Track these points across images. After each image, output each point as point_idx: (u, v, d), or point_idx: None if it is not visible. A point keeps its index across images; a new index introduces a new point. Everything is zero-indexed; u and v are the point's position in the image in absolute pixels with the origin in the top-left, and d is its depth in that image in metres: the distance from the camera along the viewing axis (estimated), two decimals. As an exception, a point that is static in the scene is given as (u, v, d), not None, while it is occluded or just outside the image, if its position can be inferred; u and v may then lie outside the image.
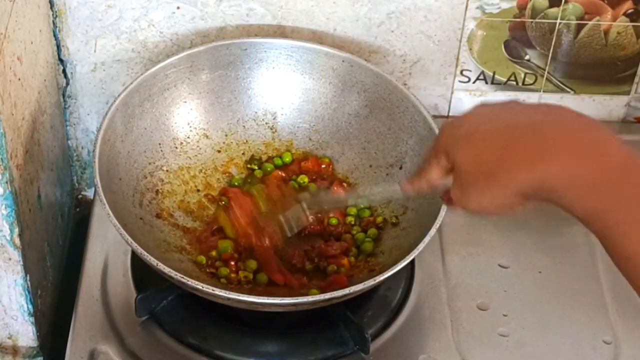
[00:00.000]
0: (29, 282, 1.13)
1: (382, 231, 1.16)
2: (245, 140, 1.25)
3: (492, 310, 1.15)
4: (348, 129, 1.23)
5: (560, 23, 1.28)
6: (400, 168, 1.18)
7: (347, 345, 1.09)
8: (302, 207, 1.07)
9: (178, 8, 1.25)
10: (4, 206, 1.04)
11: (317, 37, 1.28)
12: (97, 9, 1.24)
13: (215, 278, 1.10)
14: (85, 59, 1.29)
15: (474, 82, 1.34)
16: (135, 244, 1.01)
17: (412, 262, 1.15)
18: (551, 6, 1.26)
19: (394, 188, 0.99)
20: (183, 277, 0.99)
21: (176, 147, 1.21)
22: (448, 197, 0.88)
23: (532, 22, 1.28)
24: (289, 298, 1.02)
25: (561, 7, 1.26)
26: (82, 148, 1.38)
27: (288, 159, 1.23)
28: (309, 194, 1.13)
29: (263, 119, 1.25)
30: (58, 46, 1.27)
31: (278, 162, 1.23)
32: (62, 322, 1.19)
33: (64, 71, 1.30)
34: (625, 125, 1.38)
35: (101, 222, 1.20)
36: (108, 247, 1.18)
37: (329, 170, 1.22)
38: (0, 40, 1.00)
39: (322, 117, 1.24)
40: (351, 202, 1.17)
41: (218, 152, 1.23)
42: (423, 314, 1.13)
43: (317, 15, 1.26)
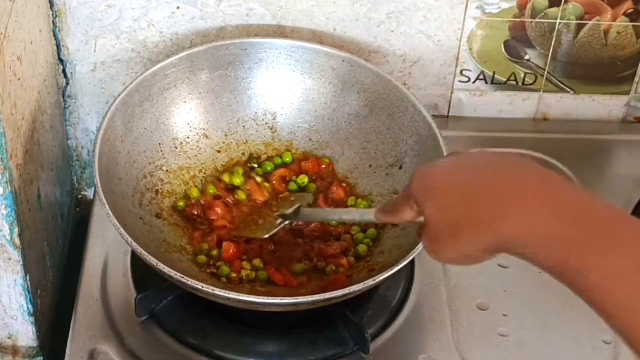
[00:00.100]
0: (29, 282, 1.13)
1: (382, 231, 1.16)
2: (245, 141, 1.25)
3: (492, 310, 1.15)
4: (348, 129, 1.23)
5: (560, 23, 1.28)
6: (400, 168, 1.18)
7: (347, 345, 1.09)
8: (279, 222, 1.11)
9: (178, 8, 1.25)
10: (4, 206, 1.04)
11: (317, 37, 1.28)
12: (97, 9, 1.24)
13: (215, 278, 1.11)
14: (85, 59, 1.29)
15: (474, 82, 1.34)
16: (135, 244, 1.01)
17: (412, 262, 1.15)
18: (551, 6, 1.27)
19: (369, 215, 1.00)
20: (183, 277, 0.99)
21: (176, 147, 1.21)
22: (420, 234, 0.90)
23: (532, 22, 1.28)
24: (289, 298, 1.02)
25: (561, 7, 1.26)
26: (82, 148, 1.38)
27: (288, 159, 1.23)
28: (292, 209, 1.13)
29: (263, 119, 1.25)
30: (58, 46, 1.27)
31: (278, 162, 1.23)
32: (62, 322, 1.19)
33: (64, 71, 1.30)
34: (625, 125, 1.38)
35: (101, 222, 1.20)
36: (108, 247, 1.18)
37: (329, 170, 1.22)
38: (0, 40, 1.00)
39: (322, 117, 1.24)
40: (330, 219, 1.15)
41: (218, 152, 1.23)
42: (423, 314, 1.13)
43: (317, 15, 1.26)
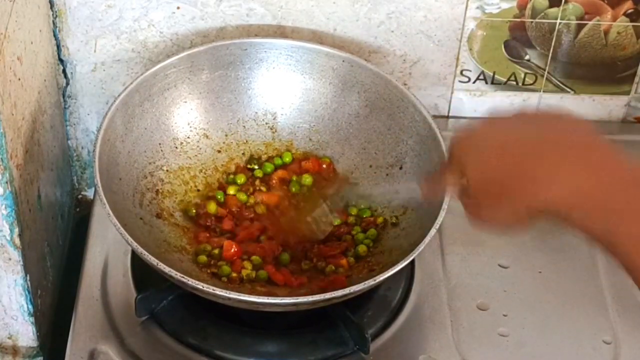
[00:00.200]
0: (29, 282, 1.13)
1: (382, 231, 1.16)
2: (245, 140, 1.25)
3: (492, 310, 1.15)
4: (348, 129, 1.23)
5: (560, 23, 1.28)
6: (400, 168, 1.18)
7: (347, 345, 1.09)
8: (325, 209, 1.08)
9: (178, 8, 1.25)
10: (4, 206, 1.04)
11: (317, 37, 1.28)
12: (97, 9, 1.24)
13: (215, 278, 1.11)
14: (85, 59, 1.29)
15: (474, 82, 1.34)
16: (135, 244, 1.01)
17: (412, 262, 1.15)
18: (551, 6, 1.26)
19: (413, 188, 1.00)
20: (183, 277, 0.99)
21: (176, 147, 1.21)
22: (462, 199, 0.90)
23: (532, 22, 1.28)
24: (289, 298, 1.02)
25: (561, 7, 1.26)
26: (82, 148, 1.38)
27: (288, 159, 1.23)
28: (331, 193, 1.13)
29: (263, 119, 1.25)
30: (58, 46, 1.27)
31: (278, 162, 1.23)
32: (62, 322, 1.19)
33: (64, 71, 1.30)
34: (625, 125, 1.38)
35: (101, 222, 1.20)
36: (108, 247, 1.18)
37: (329, 170, 1.22)
38: (0, 40, 1.00)
39: (322, 117, 1.24)
40: (373, 199, 1.16)
41: (218, 152, 1.23)
42: (423, 314, 1.13)
43: (317, 15, 1.26)
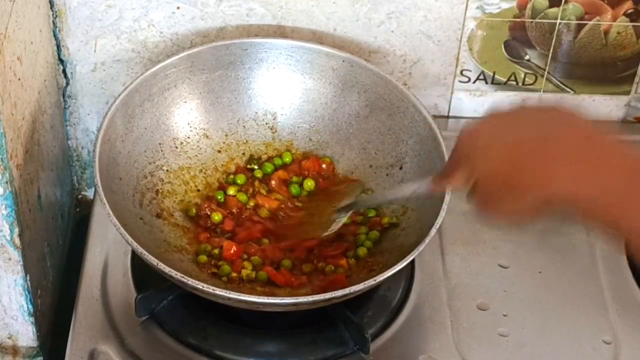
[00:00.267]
0: (29, 282, 1.13)
1: (382, 231, 1.16)
2: (245, 140, 1.25)
3: (492, 310, 1.15)
4: (348, 129, 1.23)
5: (560, 23, 1.28)
6: (401, 168, 1.18)
7: (347, 345, 1.09)
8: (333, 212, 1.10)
9: (178, 8, 1.25)
10: (4, 206, 1.04)
11: (317, 37, 1.28)
12: (97, 9, 1.24)
13: (215, 278, 1.11)
14: (85, 59, 1.29)
15: (474, 82, 1.34)
16: (135, 244, 1.01)
17: (412, 262, 1.15)
18: (551, 6, 1.26)
19: (423, 187, 1.00)
20: (183, 277, 0.99)
21: (176, 147, 1.21)
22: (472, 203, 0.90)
23: (532, 22, 1.28)
24: (289, 298, 1.02)
25: (561, 7, 1.26)
26: (82, 148, 1.38)
27: (288, 159, 1.23)
28: (350, 201, 1.14)
29: (263, 119, 1.25)
30: (58, 46, 1.27)
31: (278, 162, 1.23)
32: (62, 322, 1.19)
33: (64, 71, 1.30)
34: (625, 125, 1.38)
35: (101, 222, 1.20)
36: (108, 247, 1.18)
37: (329, 170, 1.22)
38: (0, 40, 1.00)
39: (322, 117, 1.24)
40: (387, 200, 1.17)
41: (218, 152, 1.23)
42: (423, 314, 1.13)
43: (317, 15, 1.26)
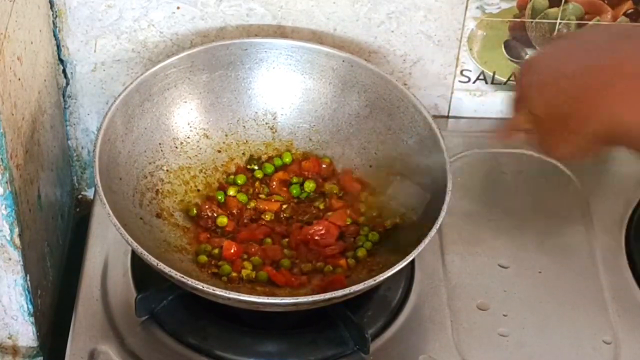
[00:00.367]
0: (29, 282, 1.13)
1: (383, 232, 1.16)
2: (245, 140, 1.25)
3: (492, 310, 1.15)
4: (348, 129, 1.23)
5: (560, 23, 1.28)
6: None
7: (347, 345, 1.09)
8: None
9: (178, 8, 1.25)
10: (4, 206, 1.04)
11: (317, 37, 1.28)
12: (97, 9, 1.24)
13: (215, 278, 1.11)
14: (85, 59, 1.29)
15: (474, 82, 1.34)
16: (135, 244, 1.01)
17: (412, 262, 1.15)
18: (551, 6, 1.26)
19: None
20: (183, 277, 0.99)
21: (176, 147, 1.21)
22: (535, 143, 0.91)
23: (532, 22, 1.28)
24: (289, 298, 1.02)
25: (561, 7, 1.26)
26: (82, 148, 1.38)
27: (288, 159, 1.23)
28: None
29: (263, 119, 1.25)
30: (58, 46, 1.27)
31: (278, 163, 1.23)
32: (62, 322, 1.19)
33: (64, 71, 1.30)
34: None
35: (101, 222, 1.20)
36: (108, 247, 1.18)
37: (329, 169, 1.22)
38: (0, 40, 1.00)
39: (322, 117, 1.24)
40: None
41: (218, 152, 1.23)
42: (423, 314, 1.13)
43: (317, 15, 1.26)
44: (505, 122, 0.94)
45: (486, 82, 1.34)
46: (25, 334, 1.18)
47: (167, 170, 1.19)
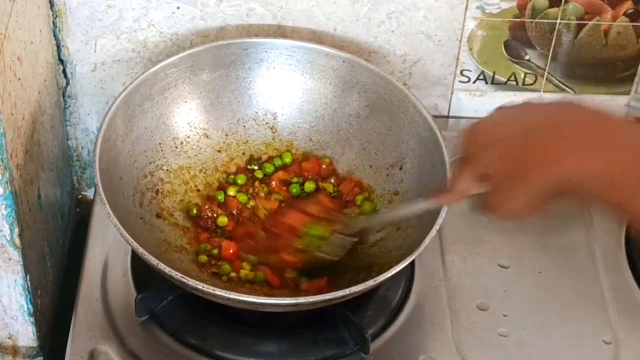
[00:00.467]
0: (29, 282, 1.13)
1: (382, 232, 1.16)
2: (245, 140, 1.25)
3: (492, 310, 1.15)
4: (348, 129, 1.23)
5: (560, 23, 1.28)
6: (401, 168, 1.18)
7: (347, 345, 1.09)
8: (339, 237, 1.10)
9: (178, 8, 1.25)
10: (4, 206, 1.04)
11: (317, 37, 1.28)
12: (97, 9, 1.24)
13: (215, 277, 1.11)
14: (85, 59, 1.29)
15: (474, 82, 1.34)
16: (135, 244, 1.01)
17: (412, 262, 1.14)
18: (551, 6, 1.26)
19: (425, 204, 1.01)
20: (183, 277, 0.99)
21: (176, 147, 1.21)
22: (478, 205, 0.91)
23: (532, 22, 1.28)
24: (289, 298, 1.02)
25: (561, 7, 1.26)
26: (82, 148, 1.38)
27: (288, 160, 1.23)
28: (341, 222, 1.13)
29: (263, 119, 1.25)
30: (58, 46, 1.27)
31: (278, 163, 1.23)
32: (62, 322, 1.19)
33: (64, 71, 1.30)
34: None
35: (101, 222, 1.20)
36: (108, 247, 1.18)
37: (329, 169, 1.22)
38: (0, 40, 1.00)
39: (322, 117, 1.24)
40: (381, 223, 1.15)
41: (218, 152, 1.23)
42: (423, 314, 1.13)
43: (317, 15, 1.26)
44: (452, 186, 0.94)
45: (486, 82, 1.34)
46: (25, 334, 1.18)
47: (167, 170, 1.19)
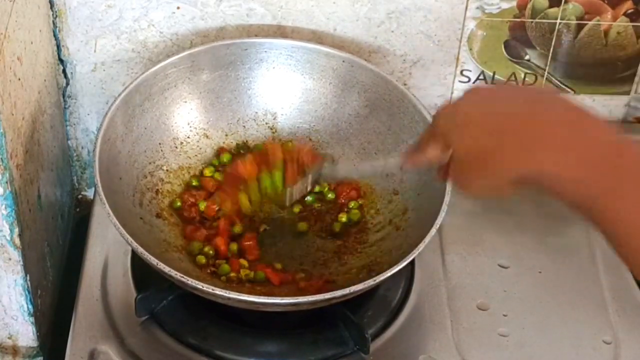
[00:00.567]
0: (29, 282, 1.13)
1: (382, 232, 1.16)
2: (245, 140, 1.25)
3: (492, 310, 1.15)
4: (348, 129, 1.23)
5: (560, 23, 1.28)
6: (400, 168, 1.18)
7: (347, 345, 1.09)
8: (307, 181, 1.08)
9: (178, 8, 1.25)
10: (4, 206, 1.04)
11: (317, 37, 1.28)
12: (97, 9, 1.24)
13: (215, 277, 1.11)
14: (85, 59, 1.29)
15: (474, 82, 1.34)
16: (135, 244, 1.01)
17: (412, 262, 1.15)
18: (551, 6, 1.27)
19: (394, 162, 1.01)
20: (183, 277, 0.99)
21: (176, 147, 1.21)
22: (443, 173, 0.90)
23: (532, 22, 1.28)
24: (289, 298, 1.02)
25: (561, 7, 1.26)
26: (82, 148, 1.38)
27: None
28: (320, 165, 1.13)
29: (263, 119, 1.25)
30: (58, 46, 1.27)
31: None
32: (62, 322, 1.19)
33: (64, 71, 1.30)
34: (625, 126, 1.38)
35: (101, 222, 1.20)
36: (108, 247, 1.18)
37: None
38: (0, 40, 1.00)
39: (322, 117, 1.24)
40: (357, 174, 1.18)
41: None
42: (423, 314, 1.13)
43: (317, 15, 1.26)
44: (415, 151, 0.93)
45: (486, 82, 1.34)
46: (25, 334, 1.18)
47: (167, 170, 1.19)
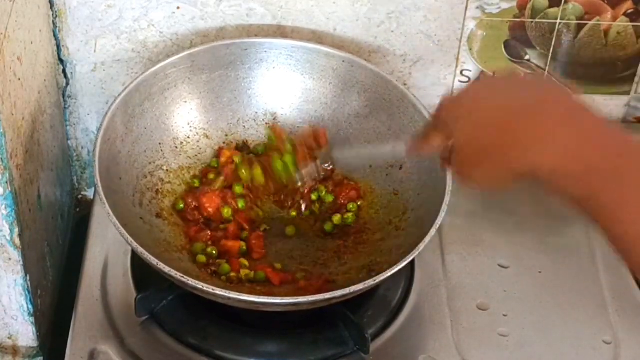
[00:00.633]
0: (29, 282, 1.13)
1: (382, 232, 1.16)
2: (245, 140, 1.24)
3: (492, 310, 1.15)
4: (348, 129, 1.23)
5: (560, 23, 1.28)
6: (400, 168, 1.18)
7: (347, 345, 1.09)
8: (317, 164, 1.10)
9: (178, 8, 1.25)
10: (4, 206, 1.04)
11: (317, 37, 1.28)
12: (97, 9, 1.24)
13: (215, 277, 1.11)
14: (85, 59, 1.29)
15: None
16: (135, 244, 1.01)
17: (412, 262, 1.15)
18: (551, 6, 1.27)
19: (402, 148, 1.01)
20: (183, 277, 0.99)
21: (176, 147, 1.21)
22: (446, 162, 0.91)
23: (532, 22, 1.28)
24: (289, 298, 1.02)
25: (561, 7, 1.26)
26: (82, 148, 1.38)
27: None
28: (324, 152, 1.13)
29: (263, 119, 1.25)
30: (58, 46, 1.27)
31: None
32: (62, 322, 1.19)
33: (64, 71, 1.30)
34: (625, 126, 1.38)
35: (101, 222, 1.20)
36: (108, 247, 1.18)
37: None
38: (0, 40, 1.00)
39: (322, 117, 1.24)
40: (363, 161, 1.18)
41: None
42: (423, 314, 1.13)
43: (317, 15, 1.26)
44: (419, 140, 0.94)
45: (486, 82, 1.34)
46: (25, 334, 1.18)
47: (167, 170, 1.19)
